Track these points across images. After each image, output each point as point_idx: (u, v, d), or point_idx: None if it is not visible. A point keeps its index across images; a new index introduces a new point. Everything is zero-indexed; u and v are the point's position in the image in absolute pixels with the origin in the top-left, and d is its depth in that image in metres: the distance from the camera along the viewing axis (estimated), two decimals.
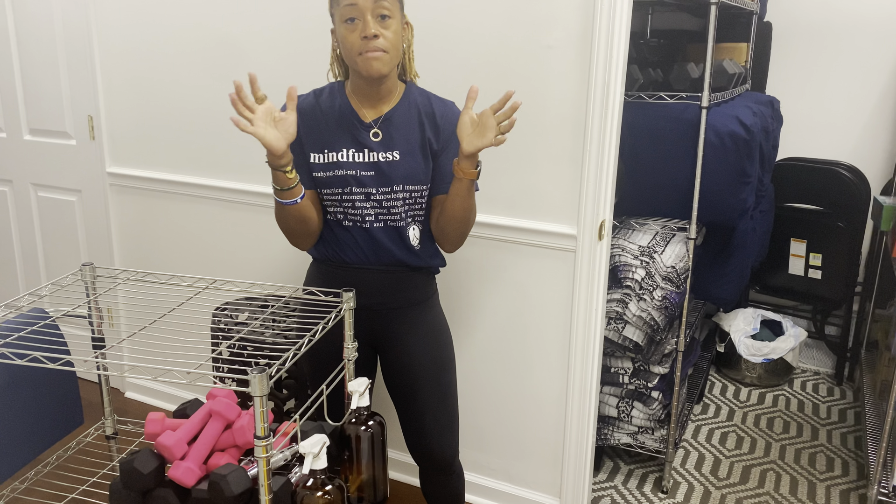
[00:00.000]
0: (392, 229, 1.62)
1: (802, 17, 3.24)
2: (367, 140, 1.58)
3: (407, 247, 1.64)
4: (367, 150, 1.58)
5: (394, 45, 1.50)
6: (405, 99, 1.61)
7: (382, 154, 1.58)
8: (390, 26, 1.48)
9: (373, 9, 1.46)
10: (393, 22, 1.48)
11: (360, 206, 1.60)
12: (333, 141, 1.59)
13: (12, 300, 1.47)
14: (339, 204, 1.61)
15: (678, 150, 2.23)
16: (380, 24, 1.47)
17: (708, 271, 2.64)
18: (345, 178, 1.58)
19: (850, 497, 2.40)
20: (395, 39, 1.50)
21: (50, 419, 1.64)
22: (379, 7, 1.46)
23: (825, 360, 3.37)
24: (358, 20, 1.47)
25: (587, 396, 2.10)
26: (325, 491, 1.24)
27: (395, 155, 1.58)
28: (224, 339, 2.10)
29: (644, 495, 2.41)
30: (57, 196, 2.97)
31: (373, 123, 1.59)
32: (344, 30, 1.49)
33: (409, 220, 1.64)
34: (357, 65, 1.50)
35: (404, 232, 1.63)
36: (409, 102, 1.61)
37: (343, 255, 1.65)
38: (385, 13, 1.47)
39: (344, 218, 1.63)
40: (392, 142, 1.59)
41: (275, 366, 1.20)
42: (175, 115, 2.57)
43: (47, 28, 2.75)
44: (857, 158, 3.23)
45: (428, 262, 1.69)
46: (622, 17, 1.82)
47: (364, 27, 1.46)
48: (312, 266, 1.73)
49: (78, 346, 2.95)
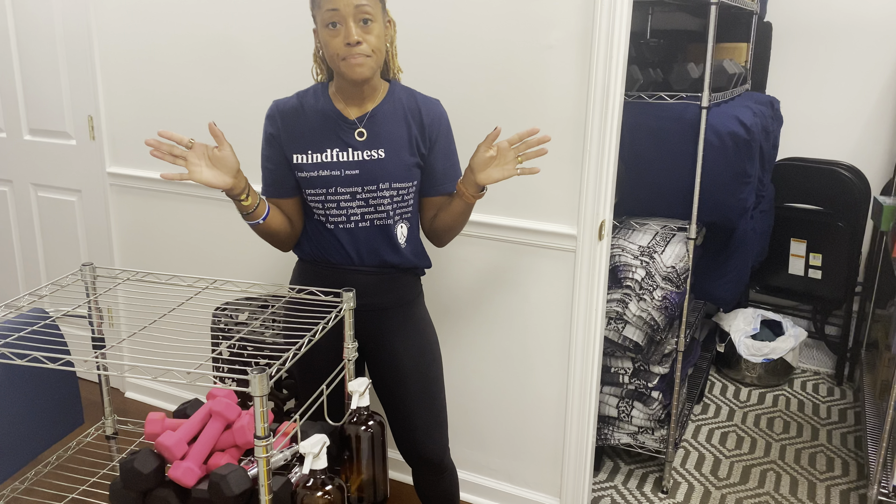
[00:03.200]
0: (378, 228, 1.62)
1: (802, 17, 3.24)
2: (351, 139, 1.58)
3: (393, 246, 1.64)
4: (351, 150, 1.58)
5: (377, 49, 1.50)
6: (390, 97, 1.61)
7: (367, 152, 1.58)
8: (373, 30, 1.48)
9: (354, 14, 1.45)
10: (375, 25, 1.48)
11: (346, 206, 1.60)
12: (317, 142, 1.59)
13: (12, 300, 1.47)
14: (323, 205, 1.61)
15: (678, 150, 2.23)
16: (362, 29, 1.47)
17: (708, 271, 2.64)
18: (329, 178, 1.58)
19: (850, 497, 2.40)
20: (377, 43, 1.50)
21: (50, 419, 1.64)
22: (360, 12, 1.45)
23: (825, 360, 3.37)
24: (340, 25, 1.46)
25: (587, 396, 2.10)
26: (325, 491, 1.24)
27: (380, 153, 1.58)
28: (224, 339, 2.10)
29: (644, 495, 2.41)
30: (57, 196, 2.97)
31: (357, 122, 1.59)
32: (326, 34, 1.48)
33: (398, 217, 1.64)
34: (340, 69, 1.50)
35: (391, 230, 1.63)
36: (393, 100, 1.61)
37: (328, 256, 1.65)
38: (367, 17, 1.46)
39: (326, 220, 1.63)
40: (377, 139, 1.58)
41: (275, 366, 1.20)
42: (175, 115, 2.57)
43: (47, 28, 2.75)
44: (857, 158, 3.23)
45: (413, 262, 1.69)
46: (622, 17, 1.82)
47: (347, 33, 1.45)
48: (298, 265, 1.73)
49: (78, 346, 2.95)
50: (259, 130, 2.41)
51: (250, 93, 2.39)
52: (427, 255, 1.74)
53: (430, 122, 1.62)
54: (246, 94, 2.40)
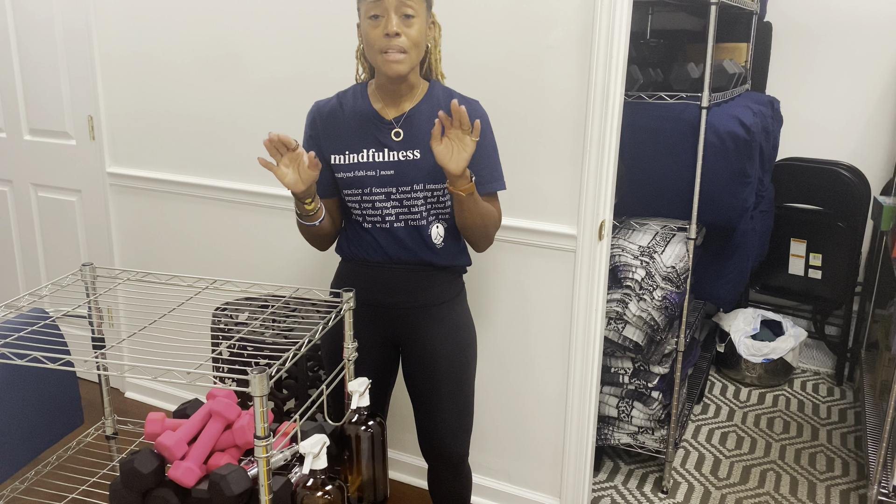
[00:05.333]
0: (413, 229, 1.63)
1: (802, 17, 3.24)
2: (387, 140, 1.59)
3: (429, 246, 1.64)
4: (387, 150, 1.59)
5: (415, 45, 1.51)
6: (428, 97, 1.62)
7: (403, 153, 1.59)
8: (413, 25, 1.49)
9: (397, 7, 1.47)
10: (416, 21, 1.50)
11: (381, 206, 1.61)
12: (354, 142, 1.61)
13: (12, 300, 1.47)
14: (360, 205, 1.63)
15: (678, 150, 2.23)
16: (403, 23, 1.48)
17: (708, 271, 2.64)
18: (364, 178, 1.60)
19: (850, 497, 2.40)
20: (417, 38, 1.51)
21: (50, 419, 1.64)
22: (403, 5, 1.48)
23: (825, 360, 3.37)
24: (382, 17, 1.48)
25: (587, 396, 2.10)
26: (325, 491, 1.24)
27: (415, 153, 1.59)
28: (224, 339, 2.10)
29: (644, 495, 2.41)
30: (57, 196, 2.97)
31: (394, 122, 1.60)
32: (367, 25, 1.51)
33: (432, 218, 1.64)
34: (378, 63, 1.52)
35: (425, 231, 1.63)
36: (432, 101, 1.62)
37: (366, 255, 1.67)
38: (409, 12, 1.48)
39: (363, 220, 1.64)
40: (413, 140, 1.59)
41: (275, 366, 1.20)
42: (175, 115, 2.57)
43: (47, 28, 2.75)
44: (857, 158, 3.23)
45: (451, 261, 1.69)
46: (622, 17, 1.82)
47: (387, 24, 1.47)
48: (341, 265, 1.75)
49: (78, 346, 2.95)
50: (259, 130, 2.41)
51: (250, 93, 2.39)
52: (466, 252, 1.74)
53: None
54: (246, 94, 2.40)
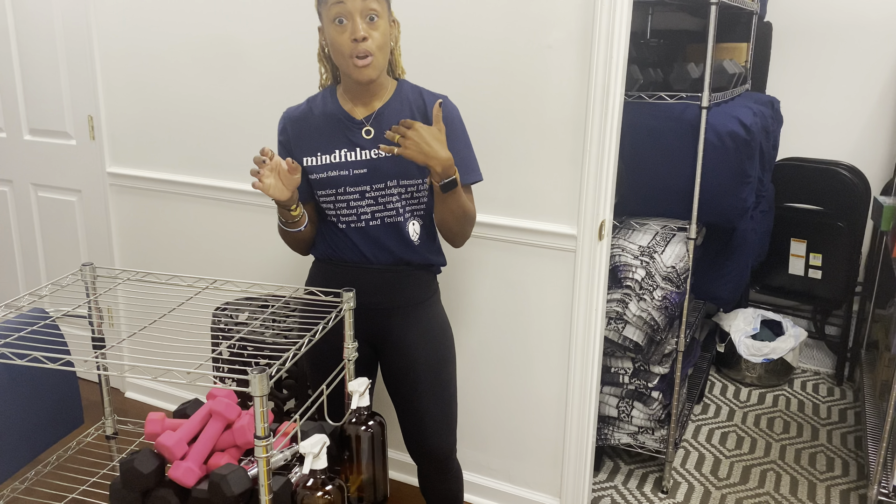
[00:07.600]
0: (390, 226, 1.63)
1: (802, 17, 3.24)
2: (359, 139, 1.60)
3: (406, 243, 1.65)
4: (359, 149, 1.60)
5: (382, 46, 1.51)
6: (397, 95, 1.63)
7: (374, 151, 1.60)
8: (378, 27, 1.49)
9: (361, 10, 1.47)
10: (381, 22, 1.50)
11: (356, 205, 1.62)
12: (326, 143, 1.61)
13: (12, 300, 1.47)
14: (334, 206, 1.63)
15: (678, 150, 2.23)
16: (368, 26, 1.48)
17: (708, 271, 2.64)
18: (338, 178, 1.60)
19: (850, 497, 2.40)
20: (382, 40, 1.51)
21: (50, 419, 1.64)
22: (367, 8, 1.47)
23: (825, 360, 3.37)
24: (347, 21, 1.48)
25: (587, 396, 2.10)
26: (325, 491, 1.24)
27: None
28: (224, 339, 2.10)
29: (644, 495, 2.41)
30: (57, 196, 2.97)
31: (364, 121, 1.61)
32: (333, 31, 1.50)
33: (408, 214, 1.64)
34: (348, 68, 1.52)
35: (403, 227, 1.64)
36: (400, 98, 1.63)
37: (342, 255, 1.67)
38: (373, 14, 1.48)
39: (338, 220, 1.65)
40: (384, 137, 1.59)
41: (275, 366, 1.20)
42: (175, 115, 2.57)
43: (47, 28, 2.75)
44: (857, 158, 3.23)
45: (428, 258, 1.69)
46: (622, 17, 1.82)
47: (353, 29, 1.47)
48: (314, 265, 1.75)
49: (78, 346, 2.95)
50: (259, 130, 2.41)
51: (250, 93, 2.39)
52: (442, 252, 1.75)
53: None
54: (246, 94, 2.40)
